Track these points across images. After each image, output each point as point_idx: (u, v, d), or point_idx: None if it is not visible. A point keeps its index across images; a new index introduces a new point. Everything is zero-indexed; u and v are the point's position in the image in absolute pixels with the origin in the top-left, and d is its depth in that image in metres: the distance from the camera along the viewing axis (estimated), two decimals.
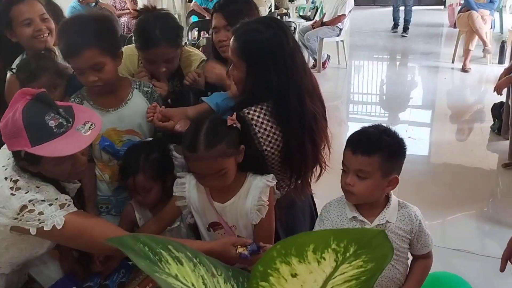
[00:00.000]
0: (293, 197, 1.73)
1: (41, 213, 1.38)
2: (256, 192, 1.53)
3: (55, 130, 1.37)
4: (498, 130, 4.17)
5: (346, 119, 5.22)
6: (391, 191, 1.53)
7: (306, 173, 1.69)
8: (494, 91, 3.68)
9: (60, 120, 1.39)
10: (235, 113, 1.49)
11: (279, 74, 1.56)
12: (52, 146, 1.36)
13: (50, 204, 1.40)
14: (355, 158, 1.43)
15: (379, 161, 1.42)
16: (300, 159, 1.62)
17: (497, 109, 4.20)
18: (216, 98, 1.80)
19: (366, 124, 1.55)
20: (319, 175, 1.74)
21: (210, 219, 1.61)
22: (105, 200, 2.00)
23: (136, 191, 1.76)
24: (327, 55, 6.75)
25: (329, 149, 1.73)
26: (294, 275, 0.64)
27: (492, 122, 4.34)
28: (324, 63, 6.67)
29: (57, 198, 1.42)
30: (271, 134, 1.58)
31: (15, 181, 1.40)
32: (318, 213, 1.91)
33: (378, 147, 1.42)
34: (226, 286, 0.78)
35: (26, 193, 1.39)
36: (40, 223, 1.37)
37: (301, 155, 1.62)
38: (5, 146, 1.46)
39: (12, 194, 1.38)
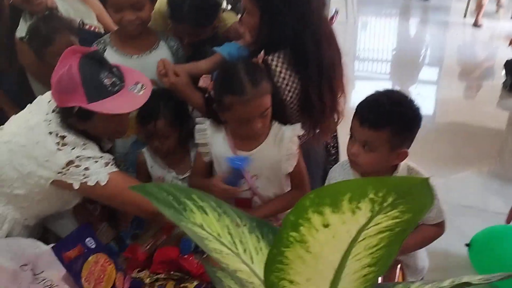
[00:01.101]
0: (307, 147, 1.71)
1: (87, 168, 1.41)
2: (286, 142, 1.52)
3: (109, 88, 1.39)
4: (510, 86, 4.11)
5: (352, 77, 5.13)
6: None
7: (324, 121, 1.67)
8: (509, 45, 3.60)
9: (114, 79, 1.41)
10: (262, 52, 1.45)
11: (294, 19, 1.52)
12: (109, 103, 1.38)
13: (96, 161, 1.43)
14: (362, 130, 1.35)
15: (388, 135, 1.33)
16: (318, 107, 1.60)
17: (510, 65, 4.13)
18: (229, 48, 1.75)
19: (373, 83, 1.53)
20: (336, 123, 1.72)
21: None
22: (121, 157, 1.99)
23: (154, 137, 1.75)
24: (335, 9, 6.57)
25: (345, 97, 1.70)
26: (326, 226, 0.61)
27: (504, 79, 4.27)
28: (331, 18, 6.50)
29: (102, 156, 1.45)
30: (289, 83, 1.55)
31: (62, 137, 1.41)
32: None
33: (388, 121, 1.32)
34: (250, 237, 0.77)
35: (72, 149, 1.41)
36: (84, 178, 1.41)
37: (319, 103, 1.59)
38: (38, 100, 1.49)
39: (59, 149, 1.40)
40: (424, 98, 4.22)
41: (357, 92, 1.51)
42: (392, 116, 1.32)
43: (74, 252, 1.34)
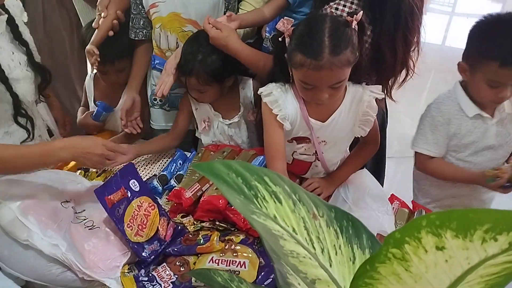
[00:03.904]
0: None
1: None
2: (363, 106, 1.36)
3: None
4: None
5: None
6: None
7: (393, 76, 1.49)
8: None
9: None
10: (361, 12, 1.23)
11: None
12: None
13: None
14: None
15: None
16: (389, 60, 1.41)
17: None
18: None
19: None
20: (403, 81, 1.54)
21: (297, 133, 1.46)
22: None
23: (190, 89, 1.66)
24: None
25: (418, 51, 1.50)
26: (440, 248, 0.51)
27: None
28: None
29: None
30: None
31: None
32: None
33: None
34: (328, 232, 0.65)
35: None
36: None
37: (391, 56, 1.40)
38: None
39: None
40: None
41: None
42: None
43: (117, 196, 1.27)
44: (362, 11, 1.24)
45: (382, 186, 1.73)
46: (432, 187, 1.73)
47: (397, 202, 1.55)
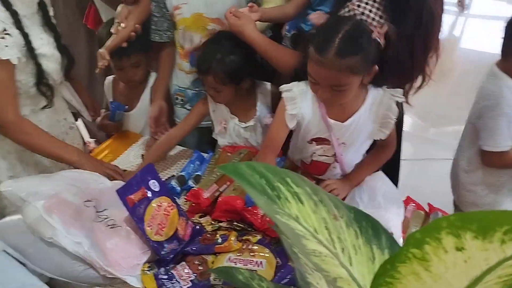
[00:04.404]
0: None
1: None
2: (383, 109, 1.37)
3: None
4: None
5: None
6: None
7: (410, 81, 1.50)
8: None
9: None
10: (384, 25, 1.25)
11: None
12: None
13: None
14: None
15: None
16: (407, 65, 1.42)
17: None
18: None
19: None
20: (419, 87, 1.54)
21: (316, 134, 1.49)
22: (182, 91, 1.93)
23: (207, 87, 1.69)
24: None
25: (437, 57, 1.50)
26: (459, 249, 0.53)
27: None
28: None
29: None
30: None
31: None
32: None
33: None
34: (348, 232, 0.67)
35: None
36: None
37: (409, 60, 1.41)
38: None
39: None
40: None
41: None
42: None
43: (138, 196, 1.30)
44: (384, 25, 1.25)
45: (397, 188, 1.74)
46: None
47: (413, 204, 1.56)
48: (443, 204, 1.68)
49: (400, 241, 1.29)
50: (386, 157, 1.58)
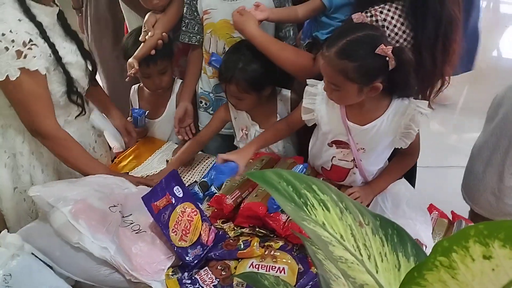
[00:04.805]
0: None
1: None
2: (405, 119, 1.38)
3: None
4: None
5: None
6: None
7: (429, 86, 1.50)
8: None
9: None
10: (390, 47, 1.26)
11: None
12: None
13: (7, 49, 1.32)
14: None
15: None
16: (429, 69, 1.43)
17: None
18: None
19: None
20: (439, 91, 1.55)
21: (335, 137, 1.51)
22: (205, 95, 1.95)
23: (229, 95, 1.71)
24: None
25: (455, 62, 1.51)
26: (487, 257, 0.53)
27: None
28: None
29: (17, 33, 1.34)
30: (401, 40, 1.38)
31: None
32: None
33: None
34: (374, 239, 0.68)
35: None
36: None
37: (430, 64, 1.42)
38: None
39: None
40: None
41: None
42: None
43: (162, 202, 1.32)
44: (390, 47, 1.25)
45: None
46: None
47: (436, 212, 1.55)
48: (463, 213, 1.67)
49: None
50: (408, 165, 1.58)
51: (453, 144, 3.60)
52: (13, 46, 1.32)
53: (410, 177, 1.73)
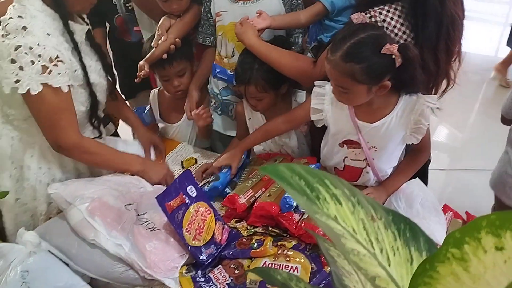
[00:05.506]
0: None
1: (21, 68, 1.30)
2: (415, 115, 1.39)
3: None
4: None
5: None
6: None
7: (433, 87, 1.51)
8: None
9: None
10: (395, 45, 1.27)
11: None
12: None
13: (33, 62, 1.31)
14: None
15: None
16: (432, 69, 1.43)
17: None
18: None
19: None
20: (444, 91, 1.54)
21: (346, 137, 1.52)
22: (214, 95, 1.97)
23: (247, 97, 1.73)
24: None
25: (459, 61, 1.50)
26: (499, 249, 0.53)
27: None
28: None
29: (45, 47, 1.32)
30: (401, 41, 1.38)
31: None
32: None
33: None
34: (386, 234, 0.68)
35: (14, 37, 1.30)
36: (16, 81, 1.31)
37: (433, 65, 1.42)
38: None
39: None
40: None
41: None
42: None
43: (176, 202, 1.34)
44: (396, 45, 1.26)
45: None
46: None
47: (450, 212, 1.54)
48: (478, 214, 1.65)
49: None
50: (420, 162, 1.57)
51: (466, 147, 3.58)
52: (39, 61, 1.30)
53: (422, 177, 1.73)
